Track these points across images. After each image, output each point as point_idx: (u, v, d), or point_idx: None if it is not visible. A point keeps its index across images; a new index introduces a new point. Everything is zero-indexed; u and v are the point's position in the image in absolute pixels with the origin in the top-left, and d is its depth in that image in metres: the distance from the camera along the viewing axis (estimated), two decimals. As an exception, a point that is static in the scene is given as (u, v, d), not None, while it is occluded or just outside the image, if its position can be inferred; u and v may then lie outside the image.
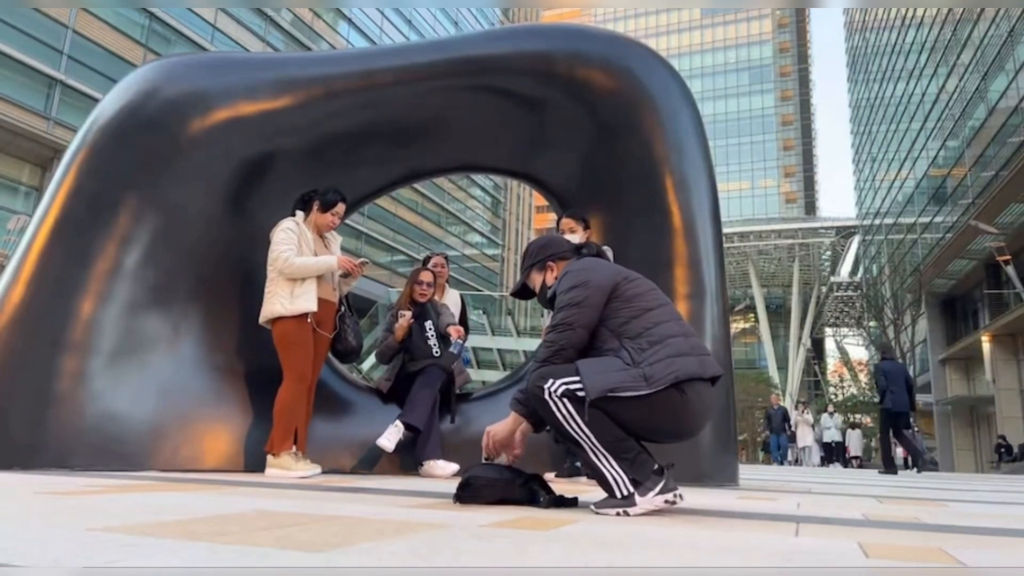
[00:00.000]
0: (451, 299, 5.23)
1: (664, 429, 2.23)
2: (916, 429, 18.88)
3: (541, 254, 2.60)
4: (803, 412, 18.65)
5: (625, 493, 2.12)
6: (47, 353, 3.62)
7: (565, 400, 2.16)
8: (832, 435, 19.79)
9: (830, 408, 24.34)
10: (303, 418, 3.90)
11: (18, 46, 20.13)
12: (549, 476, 3.89)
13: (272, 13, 31.05)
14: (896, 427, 9.91)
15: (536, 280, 2.61)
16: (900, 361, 10.75)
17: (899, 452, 21.42)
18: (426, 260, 5.27)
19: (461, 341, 4.56)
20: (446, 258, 5.39)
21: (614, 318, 2.30)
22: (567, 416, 2.16)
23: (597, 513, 2.12)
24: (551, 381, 2.18)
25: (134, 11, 24.28)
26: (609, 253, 4.12)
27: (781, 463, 17.10)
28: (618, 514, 2.08)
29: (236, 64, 4.62)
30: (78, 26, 22.11)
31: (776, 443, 17.78)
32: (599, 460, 2.16)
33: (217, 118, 4.22)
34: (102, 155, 4.03)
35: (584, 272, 2.37)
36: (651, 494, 2.10)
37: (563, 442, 2.30)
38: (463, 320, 5.22)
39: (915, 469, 10.35)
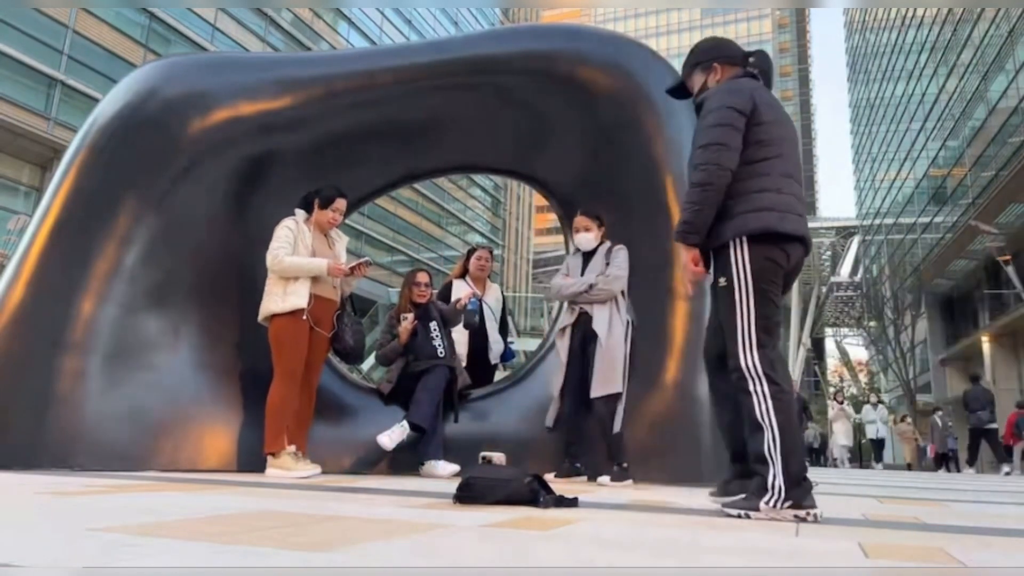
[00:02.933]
0: (492, 294, 5.26)
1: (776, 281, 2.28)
2: (950, 424, 17.44)
3: (708, 55, 2.51)
4: (843, 404, 15.61)
5: (777, 497, 2.08)
6: (47, 353, 3.62)
7: (764, 381, 2.15)
8: (879, 430, 16.32)
9: (873, 398, 19.62)
10: (303, 418, 3.90)
11: (18, 46, 20.11)
12: (549, 476, 3.89)
13: (272, 13, 31.01)
14: None
15: (697, 81, 2.53)
16: None
17: (928, 450, 20.44)
18: (470, 252, 5.28)
19: (476, 298, 4.63)
20: (491, 252, 5.40)
21: None
22: (762, 397, 2.14)
23: (724, 511, 2.16)
24: (744, 356, 2.18)
25: (134, 11, 24.25)
26: (623, 252, 4.11)
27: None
28: (739, 516, 2.11)
29: (236, 64, 4.62)
30: (78, 26, 22.08)
31: None
32: (771, 453, 2.12)
33: (217, 118, 4.22)
34: (102, 155, 4.03)
35: (730, 108, 2.28)
36: (782, 505, 2.08)
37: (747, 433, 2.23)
38: (503, 317, 5.25)
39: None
